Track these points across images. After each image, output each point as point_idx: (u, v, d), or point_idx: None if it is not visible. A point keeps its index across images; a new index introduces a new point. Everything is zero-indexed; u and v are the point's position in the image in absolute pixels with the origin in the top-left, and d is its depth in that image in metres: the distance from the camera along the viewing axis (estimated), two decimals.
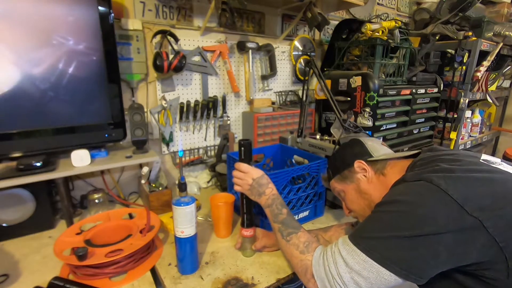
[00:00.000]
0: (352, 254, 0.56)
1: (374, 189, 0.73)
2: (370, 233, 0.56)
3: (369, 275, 0.53)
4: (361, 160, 0.75)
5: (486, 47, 1.67)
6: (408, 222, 0.52)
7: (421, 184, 0.55)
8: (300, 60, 1.68)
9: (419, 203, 0.53)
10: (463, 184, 0.52)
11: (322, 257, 0.62)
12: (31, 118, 0.94)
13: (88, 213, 1.10)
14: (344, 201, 0.83)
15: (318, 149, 1.24)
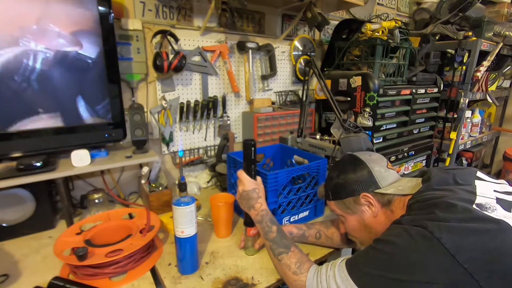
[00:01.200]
0: (346, 284, 0.58)
1: (380, 224, 0.70)
2: (364, 267, 0.58)
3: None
4: (368, 193, 0.70)
5: (486, 47, 1.67)
6: (400, 265, 0.53)
7: (416, 230, 0.54)
8: (300, 60, 1.68)
9: (412, 249, 0.53)
10: (456, 234, 0.51)
11: (316, 279, 0.63)
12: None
13: (88, 213, 1.10)
14: (342, 223, 0.81)
15: (318, 149, 1.24)
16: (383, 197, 0.69)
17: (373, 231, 0.71)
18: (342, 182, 0.73)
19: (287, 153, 1.24)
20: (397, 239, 0.56)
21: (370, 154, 0.76)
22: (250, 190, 0.82)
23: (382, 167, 0.72)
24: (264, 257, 0.86)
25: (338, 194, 0.75)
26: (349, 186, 0.72)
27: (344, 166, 0.75)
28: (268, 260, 0.85)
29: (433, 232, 0.51)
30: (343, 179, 0.73)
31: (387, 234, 0.59)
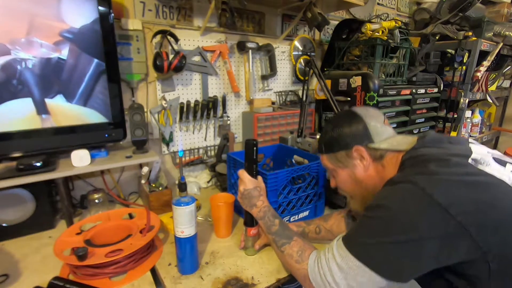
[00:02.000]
0: (346, 261, 0.56)
1: (370, 179, 0.71)
2: (361, 238, 0.57)
3: (362, 280, 0.54)
4: (361, 146, 0.69)
5: (486, 47, 1.68)
6: (394, 228, 0.53)
7: (407, 188, 0.54)
8: (300, 60, 1.68)
9: (403, 209, 0.53)
10: (448, 187, 0.52)
11: (317, 265, 0.62)
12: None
13: (88, 213, 1.10)
14: (331, 176, 0.80)
15: None
16: (376, 152, 0.69)
17: (363, 185, 0.72)
18: (336, 136, 0.72)
19: (287, 153, 1.24)
20: (387, 202, 0.56)
21: (367, 109, 0.74)
22: (251, 188, 0.82)
23: (378, 122, 0.71)
24: (264, 257, 0.86)
25: (331, 147, 0.74)
26: (342, 139, 0.71)
27: (340, 119, 0.74)
28: (268, 260, 0.85)
29: (424, 188, 0.52)
30: (337, 132, 0.72)
31: (378, 198, 0.58)
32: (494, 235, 0.49)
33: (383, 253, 0.53)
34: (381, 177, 0.68)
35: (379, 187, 0.66)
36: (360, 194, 0.74)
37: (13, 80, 0.88)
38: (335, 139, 0.73)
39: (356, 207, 0.79)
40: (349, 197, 0.80)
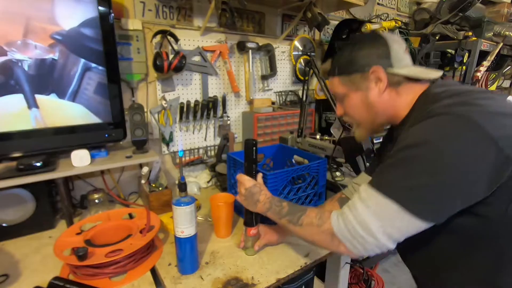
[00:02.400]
0: (383, 207, 0.52)
1: (382, 104, 0.67)
2: (400, 181, 0.52)
3: (400, 224, 0.52)
4: (380, 67, 0.65)
5: (486, 47, 1.68)
6: (438, 168, 0.49)
7: (456, 121, 0.49)
8: (300, 60, 1.68)
9: (452, 146, 0.49)
10: (496, 119, 0.49)
11: (343, 220, 0.58)
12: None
13: (88, 213, 1.10)
14: (340, 102, 0.75)
15: (318, 149, 1.24)
16: (393, 77, 0.65)
17: (373, 111, 0.68)
18: (354, 56, 0.68)
19: (287, 153, 1.24)
20: (433, 138, 0.51)
21: (392, 34, 0.72)
22: (251, 186, 0.81)
23: (401, 48, 0.67)
24: (264, 257, 0.86)
25: (347, 68, 0.69)
26: (361, 60, 0.67)
27: (362, 39, 0.70)
28: (268, 260, 0.85)
29: (477, 121, 0.48)
30: (357, 52, 0.68)
31: (419, 134, 0.53)
32: None
33: (427, 195, 0.50)
34: (394, 105, 0.65)
35: (389, 115, 0.66)
36: (369, 121, 0.71)
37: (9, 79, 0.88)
38: (353, 59, 0.68)
39: (361, 135, 0.76)
40: (355, 124, 0.76)
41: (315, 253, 0.88)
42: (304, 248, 0.90)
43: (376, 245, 0.54)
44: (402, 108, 0.66)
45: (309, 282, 1.15)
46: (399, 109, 0.66)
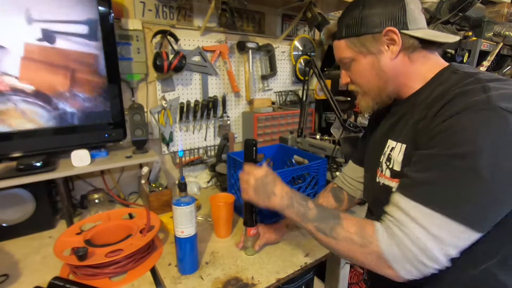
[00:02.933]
0: (445, 228, 0.47)
1: (394, 70, 0.60)
2: (466, 199, 0.46)
3: (462, 243, 0.48)
4: (395, 28, 0.57)
5: (486, 47, 1.68)
6: (505, 184, 0.45)
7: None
8: (300, 60, 1.68)
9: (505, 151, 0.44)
10: None
11: (397, 245, 0.50)
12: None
13: (88, 213, 1.10)
14: (347, 70, 0.68)
15: (318, 149, 1.24)
16: (408, 40, 0.58)
17: (383, 78, 0.61)
18: (366, 15, 0.60)
19: (287, 153, 1.24)
20: (487, 144, 0.45)
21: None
22: (263, 175, 0.70)
23: (417, 8, 0.60)
24: (264, 257, 0.86)
25: (356, 29, 0.61)
26: (373, 19, 0.59)
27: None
28: (268, 260, 0.85)
29: None
30: (368, 11, 0.60)
31: (470, 140, 0.46)
32: None
33: (490, 211, 0.47)
34: (406, 73, 0.60)
35: (399, 84, 0.61)
36: (377, 89, 0.64)
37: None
38: (364, 19, 0.60)
39: (367, 106, 0.68)
40: (361, 93, 0.67)
41: (315, 253, 0.88)
42: (304, 248, 0.90)
43: (437, 267, 0.49)
44: (415, 79, 0.60)
45: (309, 282, 1.15)
46: (412, 79, 0.60)
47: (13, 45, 0.87)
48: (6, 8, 0.84)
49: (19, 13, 0.86)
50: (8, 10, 0.85)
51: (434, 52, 0.61)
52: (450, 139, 0.47)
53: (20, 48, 0.88)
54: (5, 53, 0.86)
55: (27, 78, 0.90)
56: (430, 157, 0.50)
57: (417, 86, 0.60)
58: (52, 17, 0.90)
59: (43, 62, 0.92)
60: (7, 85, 0.88)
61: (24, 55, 0.89)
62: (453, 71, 0.56)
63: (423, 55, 0.60)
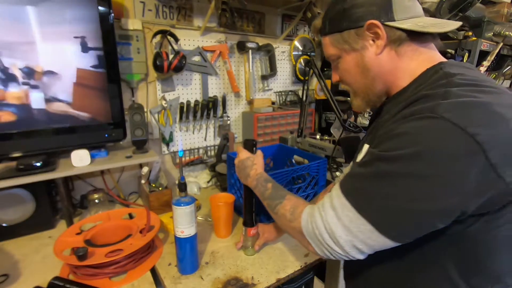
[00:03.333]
0: (357, 225, 0.47)
1: (380, 67, 0.56)
2: (383, 201, 0.46)
3: (372, 243, 0.48)
4: (378, 21, 0.53)
5: (486, 47, 1.67)
6: (425, 192, 0.43)
7: (458, 134, 0.40)
8: (300, 60, 1.68)
9: (441, 161, 0.41)
10: (506, 140, 0.41)
11: (311, 223, 0.54)
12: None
13: (88, 213, 1.10)
14: (334, 66, 0.65)
15: (318, 149, 1.24)
16: (394, 33, 0.53)
17: (369, 76, 0.58)
18: (346, 8, 0.56)
19: (287, 153, 1.24)
20: (420, 149, 0.42)
21: None
22: (244, 159, 0.80)
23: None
24: (264, 257, 0.86)
25: (338, 24, 0.57)
26: (355, 12, 0.55)
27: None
28: (268, 260, 0.85)
29: (482, 143, 0.40)
30: (350, 3, 0.55)
31: (408, 146, 0.43)
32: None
33: (408, 220, 0.45)
34: (393, 70, 0.55)
35: (387, 82, 0.57)
36: (364, 88, 0.61)
37: None
38: (345, 12, 0.56)
39: (359, 106, 0.65)
40: (352, 92, 0.65)
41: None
42: (304, 248, 0.90)
43: (344, 255, 0.51)
44: (403, 76, 0.55)
45: (309, 282, 1.14)
46: (399, 76, 0.56)
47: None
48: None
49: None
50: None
51: (429, 44, 0.56)
52: (387, 142, 0.47)
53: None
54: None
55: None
56: (369, 155, 0.50)
57: (404, 84, 0.56)
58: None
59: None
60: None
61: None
62: (437, 70, 0.51)
63: (413, 49, 0.55)
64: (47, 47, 0.91)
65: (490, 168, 0.40)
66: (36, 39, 0.89)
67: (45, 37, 0.90)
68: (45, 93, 0.94)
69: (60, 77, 0.95)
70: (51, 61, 0.93)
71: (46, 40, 0.90)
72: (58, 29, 0.92)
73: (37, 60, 0.90)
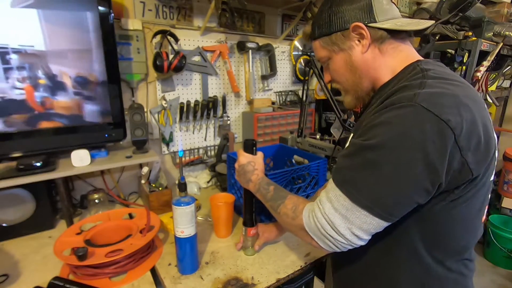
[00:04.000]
0: (351, 211, 0.52)
1: (366, 65, 0.63)
2: (373, 187, 0.50)
3: (368, 227, 0.52)
4: (361, 23, 0.59)
5: (486, 47, 1.67)
6: (403, 171, 0.48)
7: (434, 120, 0.46)
8: (300, 60, 1.68)
9: (412, 141, 0.47)
10: (470, 128, 0.48)
11: (312, 218, 0.57)
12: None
13: (88, 213, 1.10)
14: (326, 68, 0.71)
15: (318, 149, 1.24)
16: (376, 32, 0.60)
17: (357, 73, 0.64)
18: (333, 13, 0.63)
19: (287, 153, 1.24)
20: (405, 139, 0.48)
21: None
22: (245, 163, 0.79)
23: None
24: (264, 257, 0.86)
25: (326, 28, 0.64)
26: (340, 17, 0.62)
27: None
28: (268, 260, 0.85)
29: (454, 128, 0.47)
30: (335, 9, 0.63)
31: (388, 133, 0.49)
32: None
33: (394, 200, 0.50)
34: (377, 65, 0.62)
35: (372, 78, 0.63)
36: (353, 84, 0.67)
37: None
38: (332, 17, 0.63)
39: (350, 103, 0.71)
40: (343, 91, 0.71)
41: (315, 253, 0.88)
42: (304, 248, 0.90)
43: (347, 244, 0.55)
44: (385, 72, 0.62)
45: (309, 282, 1.14)
46: (382, 72, 0.62)
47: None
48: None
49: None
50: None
51: (406, 42, 0.63)
52: (369, 131, 0.52)
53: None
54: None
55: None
56: (353, 145, 0.55)
57: (386, 79, 0.62)
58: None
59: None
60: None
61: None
62: (414, 67, 0.58)
63: (394, 46, 0.61)
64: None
65: (458, 150, 0.47)
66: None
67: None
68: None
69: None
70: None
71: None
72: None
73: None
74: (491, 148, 0.52)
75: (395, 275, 0.60)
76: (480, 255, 2.19)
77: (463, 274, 0.60)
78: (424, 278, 0.58)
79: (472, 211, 0.56)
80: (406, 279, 0.59)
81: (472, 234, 0.59)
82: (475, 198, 0.55)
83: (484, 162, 0.51)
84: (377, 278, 0.63)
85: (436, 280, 0.58)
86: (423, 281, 0.58)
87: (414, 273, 0.58)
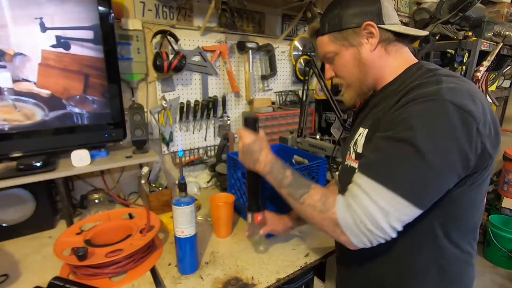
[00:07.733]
0: (391, 203, 0.53)
1: (373, 62, 0.66)
2: (410, 176, 0.53)
3: (406, 218, 0.54)
4: (373, 22, 0.63)
5: (486, 47, 1.67)
6: (435, 158, 0.51)
7: (458, 111, 0.51)
8: (300, 60, 1.68)
9: (443, 130, 0.51)
10: (485, 117, 0.52)
11: (350, 213, 0.56)
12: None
13: (88, 213, 1.10)
14: (330, 64, 0.73)
15: (318, 149, 1.24)
16: (384, 33, 0.65)
17: (364, 69, 0.67)
18: (345, 12, 0.66)
19: (287, 153, 1.24)
20: (435, 131, 0.51)
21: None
22: (250, 142, 0.76)
23: (390, 5, 0.67)
24: (264, 257, 0.86)
25: (338, 24, 0.67)
26: (353, 16, 0.65)
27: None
28: (268, 260, 0.85)
29: (476, 118, 0.51)
30: (347, 10, 0.66)
31: (417, 124, 0.52)
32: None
33: (429, 187, 0.53)
34: (382, 65, 0.66)
35: (376, 76, 0.67)
36: (359, 80, 0.69)
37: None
38: (344, 15, 0.66)
39: (350, 98, 0.73)
40: (345, 86, 0.73)
41: (315, 253, 0.89)
42: (304, 248, 0.90)
43: (383, 237, 0.55)
44: (389, 72, 0.66)
45: (309, 282, 1.14)
46: (386, 72, 0.66)
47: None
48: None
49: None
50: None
51: (407, 46, 0.68)
52: (399, 125, 0.54)
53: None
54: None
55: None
56: (382, 139, 0.57)
57: (390, 79, 0.66)
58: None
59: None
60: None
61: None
62: (419, 68, 0.63)
63: (397, 49, 0.67)
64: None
65: (479, 136, 0.52)
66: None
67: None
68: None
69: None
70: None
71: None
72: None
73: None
74: (498, 133, 0.56)
75: (411, 257, 0.62)
76: (480, 255, 2.19)
77: (470, 253, 0.63)
78: (440, 259, 0.61)
79: (483, 193, 0.61)
80: (423, 260, 0.61)
81: (479, 214, 0.63)
82: (486, 181, 0.60)
83: (496, 146, 0.56)
84: (393, 262, 0.64)
85: (450, 260, 0.61)
86: (439, 262, 0.61)
87: (431, 255, 0.61)
